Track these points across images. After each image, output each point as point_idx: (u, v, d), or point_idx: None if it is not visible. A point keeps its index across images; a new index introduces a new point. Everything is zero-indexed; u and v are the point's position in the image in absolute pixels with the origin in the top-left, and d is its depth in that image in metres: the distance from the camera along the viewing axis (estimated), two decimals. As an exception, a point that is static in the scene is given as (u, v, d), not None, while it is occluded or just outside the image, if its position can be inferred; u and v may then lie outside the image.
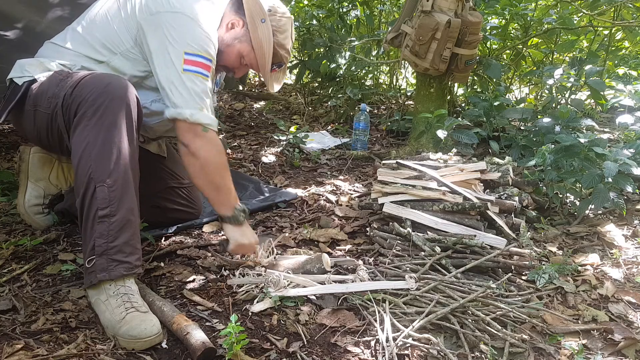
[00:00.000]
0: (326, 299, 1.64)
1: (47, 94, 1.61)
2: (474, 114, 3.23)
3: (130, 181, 1.51)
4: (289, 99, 4.73)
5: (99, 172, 1.46)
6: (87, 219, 1.47)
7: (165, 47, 1.59)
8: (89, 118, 1.49)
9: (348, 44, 4.04)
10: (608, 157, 2.18)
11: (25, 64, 1.71)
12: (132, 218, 1.50)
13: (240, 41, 1.76)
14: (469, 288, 1.67)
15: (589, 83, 3.00)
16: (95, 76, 1.57)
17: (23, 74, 1.69)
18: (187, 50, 1.59)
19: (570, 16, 3.49)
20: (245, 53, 1.77)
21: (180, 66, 1.59)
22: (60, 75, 1.64)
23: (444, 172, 2.24)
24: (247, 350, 1.40)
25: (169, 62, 1.59)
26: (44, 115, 1.64)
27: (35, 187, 1.99)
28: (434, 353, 1.38)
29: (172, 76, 1.59)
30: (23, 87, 1.66)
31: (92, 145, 1.47)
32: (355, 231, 2.20)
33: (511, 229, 2.10)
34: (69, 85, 1.57)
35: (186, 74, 1.59)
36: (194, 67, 1.60)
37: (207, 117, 1.62)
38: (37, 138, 1.74)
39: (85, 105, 1.50)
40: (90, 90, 1.51)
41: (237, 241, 1.73)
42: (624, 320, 1.60)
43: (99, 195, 1.45)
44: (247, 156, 3.19)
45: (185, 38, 1.60)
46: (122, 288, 1.45)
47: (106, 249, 1.45)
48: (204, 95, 1.62)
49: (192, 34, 1.61)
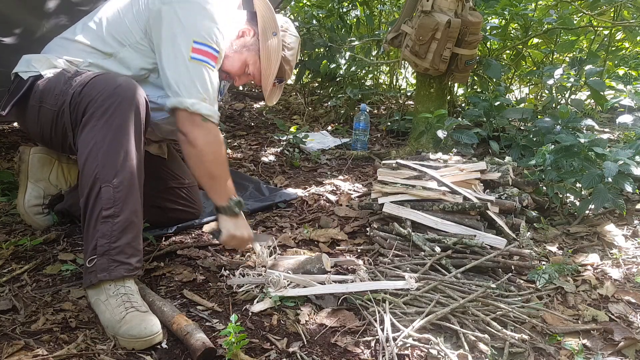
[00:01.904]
0: (326, 299, 1.64)
1: (54, 90, 1.61)
2: (474, 114, 3.23)
3: (136, 183, 1.51)
4: (289, 99, 4.73)
5: (105, 172, 1.46)
6: (90, 218, 1.47)
7: (175, 35, 1.59)
8: (98, 118, 1.49)
9: (348, 44, 4.04)
10: (608, 157, 2.17)
11: (32, 59, 1.71)
12: (135, 220, 1.50)
13: (249, 50, 1.77)
14: (469, 288, 1.67)
15: (589, 83, 3.00)
16: (105, 76, 1.57)
17: (29, 68, 1.69)
18: (196, 39, 1.59)
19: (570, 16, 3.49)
20: (251, 62, 1.79)
21: (188, 54, 1.58)
22: (69, 72, 1.64)
23: (444, 172, 2.24)
24: (247, 350, 1.40)
25: (177, 49, 1.59)
26: (49, 112, 1.63)
27: (35, 187, 1.99)
28: (434, 353, 1.38)
29: (178, 64, 1.59)
30: (28, 82, 1.66)
31: (100, 145, 1.47)
32: (355, 231, 2.20)
33: (511, 229, 2.10)
34: (77, 84, 1.56)
35: (193, 62, 1.59)
36: (201, 56, 1.60)
37: (207, 108, 1.61)
38: (40, 134, 1.74)
39: (95, 105, 1.50)
40: (100, 90, 1.51)
41: (230, 232, 1.73)
42: (624, 320, 1.60)
43: (104, 195, 1.45)
44: (247, 156, 3.19)
45: (196, 26, 1.60)
46: (122, 288, 1.45)
47: (108, 249, 1.45)
48: (209, 85, 1.62)
49: (204, 23, 1.61)
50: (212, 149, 1.65)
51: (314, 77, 4.45)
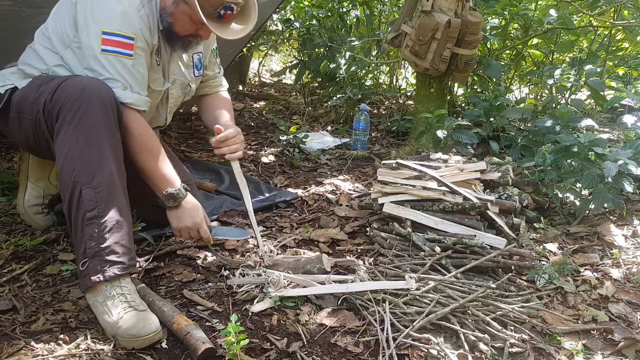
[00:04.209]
0: (326, 299, 1.64)
1: (28, 100, 1.63)
2: (474, 114, 3.23)
3: (117, 181, 1.51)
4: (289, 99, 4.74)
5: (83, 174, 1.46)
6: (76, 222, 1.47)
7: (87, 27, 1.59)
8: (69, 122, 1.50)
9: (348, 44, 4.04)
10: (608, 157, 2.17)
11: (7, 73, 1.74)
12: (121, 218, 1.50)
13: (177, 3, 1.67)
14: (469, 288, 1.67)
15: (589, 83, 3.00)
16: (71, 80, 1.58)
17: (5, 82, 1.72)
18: (104, 30, 1.58)
19: (570, 16, 3.49)
20: (188, 11, 1.66)
21: (99, 47, 1.58)
22: (39, 80, 1.65)
23: (444, 172, 2.24)
24: (247, 350, 1.40)
25: (88, 42, 1.59)
26: (28, 121, 1.65)
27: (35, 187, 1.99)
28: (434, 353, 1.38)
29: (90, 58, 1.59)
30: (6, 95, 1.68)
31: (74, 149, 1.48)
32: (355, 231, 2.20)
33: (511, 229, 2.10)
34: (48, 91, 1.57)
35: (104, 54, 1.58)
36: (112, 47, 1.59)
37: (129, 97, 1.61)
38: (26, 144, 1.75)
39: (65, 110, 1.51)
40: (68, 94, 1.52)
41: (173, 225, 1.72)
42: (624, 320, 1.60)
43: (85, 197, 1.45)
44: (247, 156, 3.19)
45: (104, 16, 1.59)
46: (118, 288, 1.45)
47: (97, 251, 1.45)
48: (125, 73, 1.61)
49: (110, 11, 1.59)
50: (139, 138, 1.64)
51: (314, 77, 4.45)
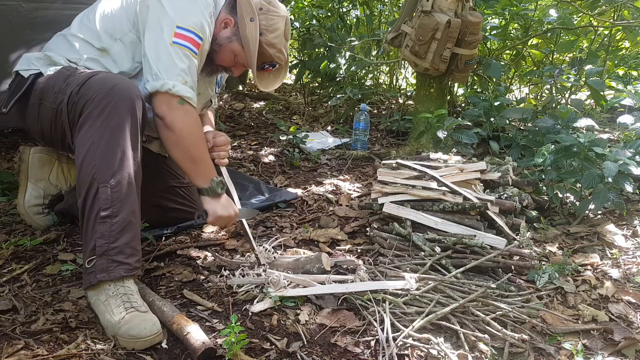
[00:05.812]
0: (326, 299, 1.64)
1: (53, 88, 1.62)
2: (474, 114, 3.23)
3: (133, 183, 1.51)
4: (289, 99, 4.74)
5: (103, 172, 1.46)
6: (88, 219, 1.47)
7: (159, 20, 1.61)
8: (95, 118, 1.49)
9: (348, 44, 4.04)
10: (608, 157, 2.17)
11: (32, 57, 1.72)
12: (133, 220, 1.50)
13: (231, 40, 1.77)
14: (469, 288, 1.67)
15: (589, 83, 3.00)
16: (102, 76, 1.58)
17: (30, 66, 1.70)
18: (179, 24, 1.60)
19: (570, 16, 3.49)
20: (238, 52, 1.78)
21: (170, 38, 1.59)
22: (68, 70, 1.64)
23: (444, 172, 2.23)
24: (247, 350, 1.40)
25: (160, 34, 1.60)
26: (48, 110, 1.64)
27: (35, 187, 1.99)
28: (434, 353, 1.38)
29: (159, 48, 1.60)
30: (29, 80, 1.67)
31: (97, 145, 1.47)
32: (355, 231, 2.20)
33: (511, 229, 2.10)
34: (75, 83, 1.57)
35: (174, 46, 1.60)
36: (183, 41, 1.61)
37: (188, 91, 1.63)
38: (40, 132, 1.74)
39: (92, 105, 1.50)
40: (97, 90, 1.51)
41: (215, 213, 1.73)
42: (624, 320, 1.60)
43: (101, 195, 1.45)
44: (247, 156, 3.19)
45: (181, 12, 1.61)
46: (122, 288, 1.45)
47: (107, 250, 1.45)
48: (188, 71, 1.63)
49: (189, 9, 1.63)
50: (191, 131, 1.66)
51: (314, 77, 4.45)
